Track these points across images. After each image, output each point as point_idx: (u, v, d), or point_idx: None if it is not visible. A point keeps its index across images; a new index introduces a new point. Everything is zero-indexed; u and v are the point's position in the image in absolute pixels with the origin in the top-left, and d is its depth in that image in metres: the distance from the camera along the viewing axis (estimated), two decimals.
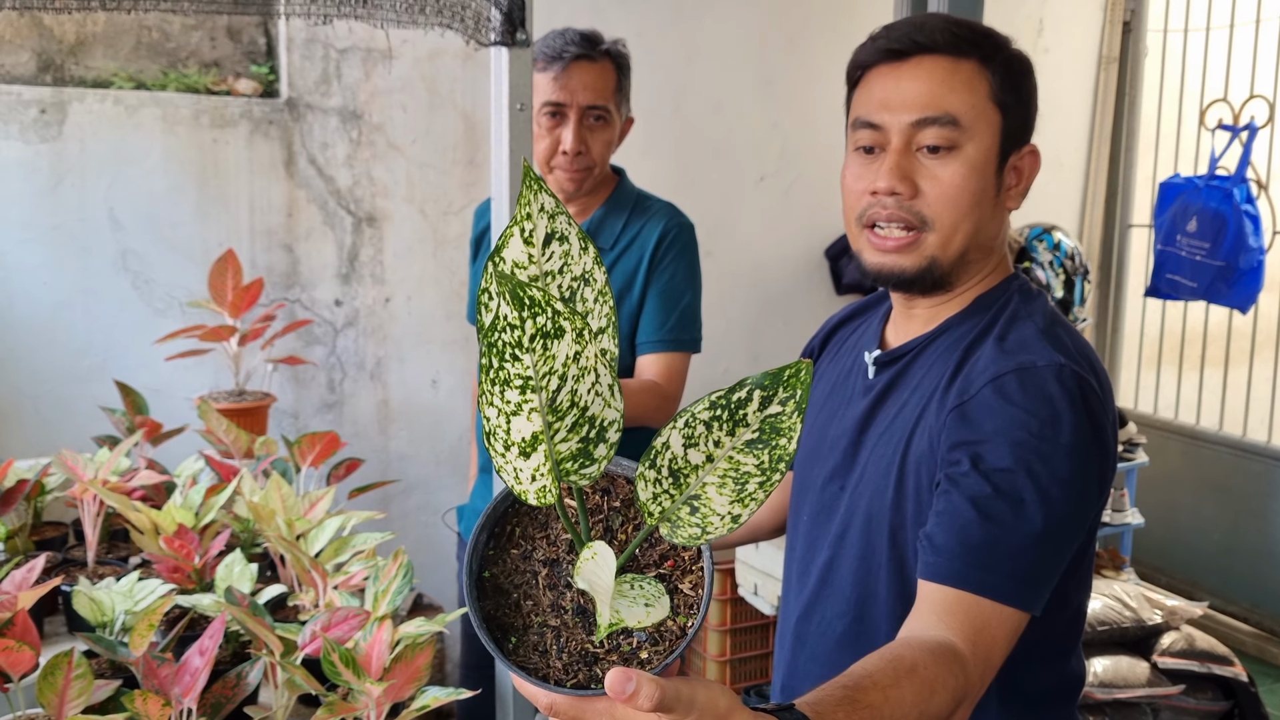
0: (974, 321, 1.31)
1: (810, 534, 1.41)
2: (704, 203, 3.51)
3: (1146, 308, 4.46)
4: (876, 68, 1.31)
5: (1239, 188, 3.76)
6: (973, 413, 1.20)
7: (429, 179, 3.36)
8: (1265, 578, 4.02)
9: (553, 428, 0.76)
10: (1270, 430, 4.05)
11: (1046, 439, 1.16)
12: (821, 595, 1.38)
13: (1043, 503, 1.14)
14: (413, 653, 1.36)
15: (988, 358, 1.24)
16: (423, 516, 3.41)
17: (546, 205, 0.80)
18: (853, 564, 1.33)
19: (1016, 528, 1.14)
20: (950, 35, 1.27)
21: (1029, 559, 1.14)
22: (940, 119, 1.25)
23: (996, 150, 1.28)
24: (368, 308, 3.33)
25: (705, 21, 3.72)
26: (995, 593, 1.12)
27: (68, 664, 1.29)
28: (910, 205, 1.27)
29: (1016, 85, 1.30)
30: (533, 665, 0.82)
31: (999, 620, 1.12)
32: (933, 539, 1.17)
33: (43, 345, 2.97)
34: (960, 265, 1.31)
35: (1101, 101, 4.48)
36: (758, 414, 0.78)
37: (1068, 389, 1.18)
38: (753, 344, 3.92)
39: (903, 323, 1.40)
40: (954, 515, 1.16)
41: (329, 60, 3.20)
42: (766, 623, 3.32)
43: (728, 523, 0.78)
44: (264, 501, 1.78)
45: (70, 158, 2.94)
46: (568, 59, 2.06)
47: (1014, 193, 1.33)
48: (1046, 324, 1.27)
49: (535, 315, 0.72)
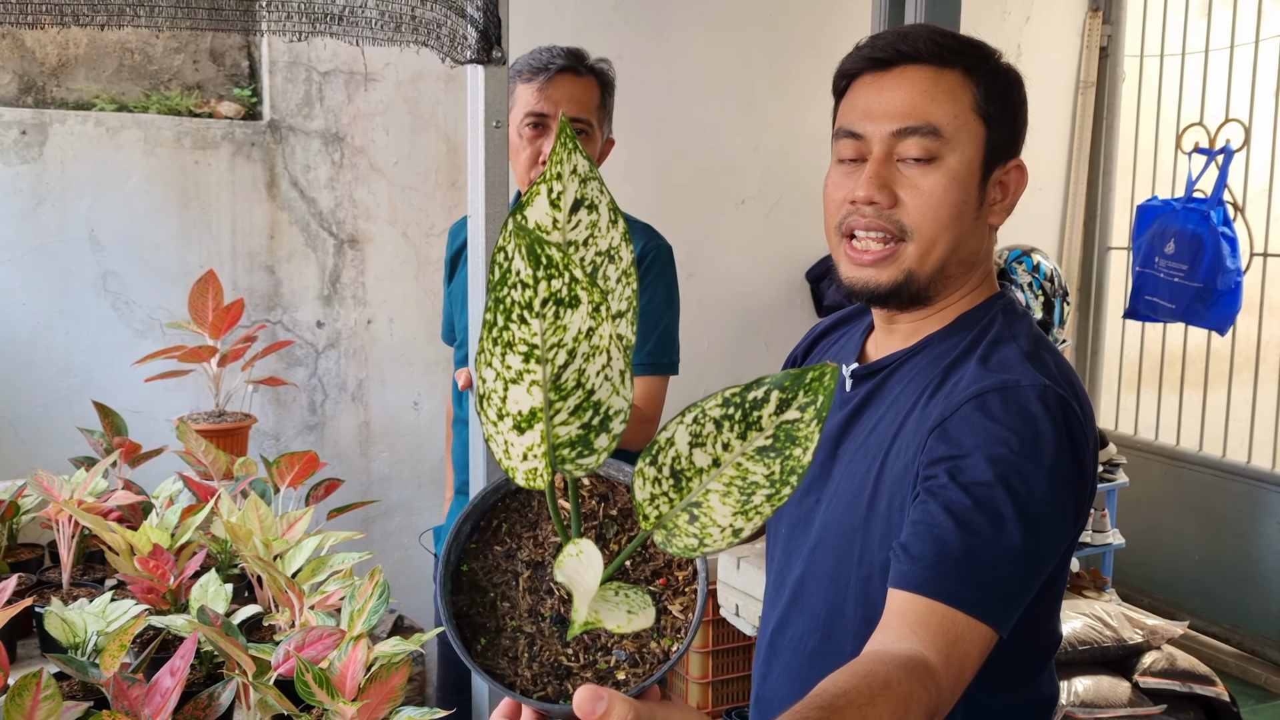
0: (956, 339, 1.29)
1: (788, 546, 1.40)
2: (685, 225, 3.52)
3: (1126, 329, 4.48)
4: (861, 77, 1.31)
5: (1216, 210, 3.79)
6: (952, 430, 1.17)
7: (411, 201, 3.37)
8: (1246, 598, 4.03)
9: (554, 406, 0.70)
10: (1250, 451, 4.07)
11: (1028, 458, 1.14)
12: (793, 610, 1.37)
13: (1021, 520, 1.12)
14: (388, 673, 1.36)
15: (970, 376, 1.22)
16: (403, 538, 3.40)
17: (580, 168, 0.73)
18: (822, 580, 1.32)
19: (995, 542, 1.11)
20: (934, 45, 1.26)
21: (1005, 575, 1.12)
22: (921, 128, 1.24)
23: (979, 163, 1.27)
24: (349, 329, 3.32)
25: (687, 45, 3.74)
26: (970, 606, 1.09)
27: (36, 685, 1.28)
28: (889, 214, 1.26)
29: (1002, 98, 1.28)
30: (500, 671, 0.78)
31: (972, 635, 1.09)
32: (908, 548, 1.14)
33: (22, 366, 2.95)
34: (939, 279, 1.28)
35: (1080, 125, 4.52)
36: (773, 418, 0.69)
37: (1050, 410, 1.17)
38: (734, 367, 3.92)
39: (883, 337, 1.38)
40: (931, 525, 1.13)
41: (311, 83, 3.21)
42: (749, 644, 3.31)
43: (728, 536, 0.71)
44: (241, 522, 1.77)
45: (51, 179, 2.94)
46: (553, 71, 2.07)
47: (998, 208, 1.31)
48: (1031, 346, 1.25)
49: (551, 278, 0.65)
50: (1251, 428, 4.08)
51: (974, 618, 1.09)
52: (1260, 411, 4.10)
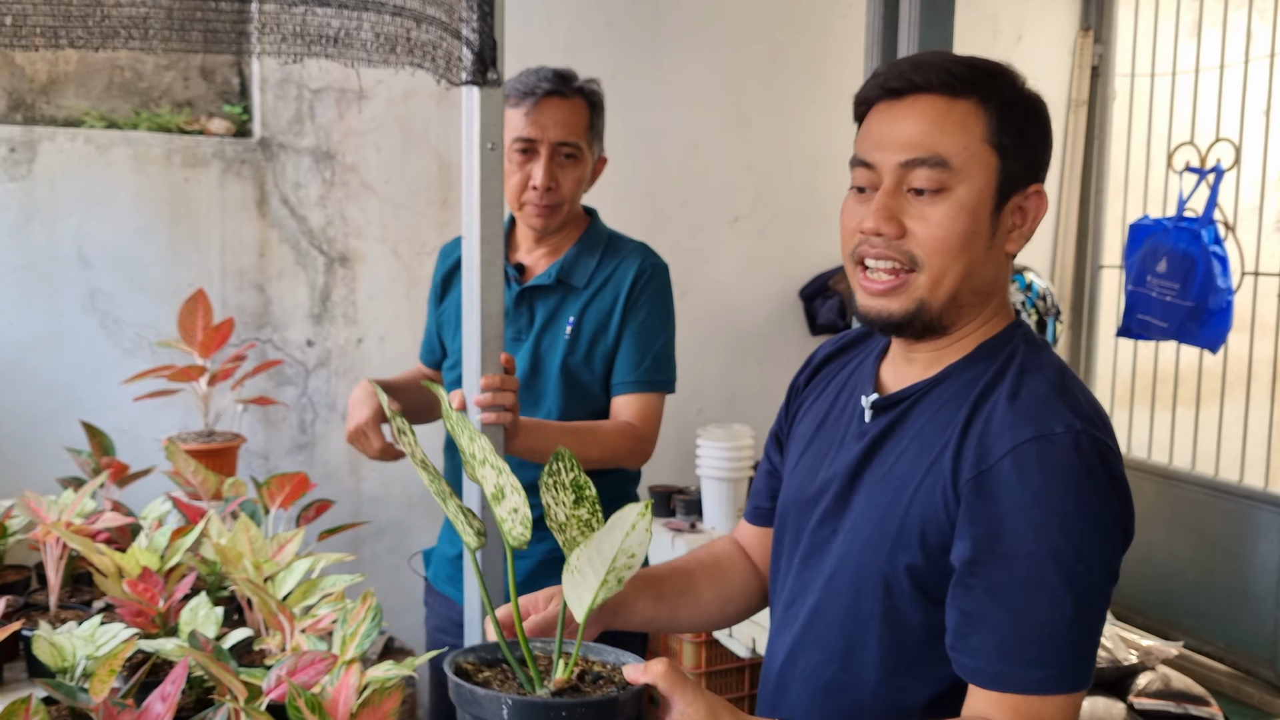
0: (979, 369, 1.28)
1: (801, 576, 1.38)
2: (678, 244, 3.52)
3: (1118, 348, 4.48)
4: (876, 105, 1.30)
5: (1207, 229, 3.80)
6: (991, 486, 1.17)
7: (402, 219, 3.36)
8: (1240, 617, 4.02)
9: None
10: (1242, 469, 4.07)
11: (1069, 514, 1.14)
12: (806, 640, 1.35)
13: (1070, 585, 1.13)
14: (380, 697, 1.34)
15: (1002, 420, 1.20)
16: (394, 559, 3.37)
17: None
18: (840, 611, 1.30)
19: (1048, 617, 1.13)
20: (947, 75, 1.24)
21: (1067, 644, 1.14)
22: (929, 160, 1.23)
23: (992, 192, 1.25)
24: (340, 348, 3.31)
25: (680, 63, 3.74)
26: (1041, 687, 1.13)
27: (24, 711, 1.26)
28: (899, 245, 1.25)
29: (1019, 126, 1.26)
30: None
31: (1053, 709, 1.14)
32: (966, 641, 1.17)
33: (9, 386, 2.93)
34: (953, 308, 1.27)
35: (1071, 144, 4.53)
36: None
37: (1086, 457, 1.16)
38: (727, 385, 3.91)
39: (902, 365, 1.36)
40: (983, 616, 1.16)
41: (302, 100, 3.20)
42: (743, 665, 3.29)
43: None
44: (231, 544, 1.76)
45: (40, 197, 2.92)
46: (540, 95, 2.06)
47: (1016, 234, 1.29)
48: (1058, 378, 1.24)
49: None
50: (1244, 446, 4.08)
51: (1050, 695, 1.14)
52: (1253, 430, 4.10)
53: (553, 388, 2.11)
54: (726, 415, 3.85)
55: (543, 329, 2.13)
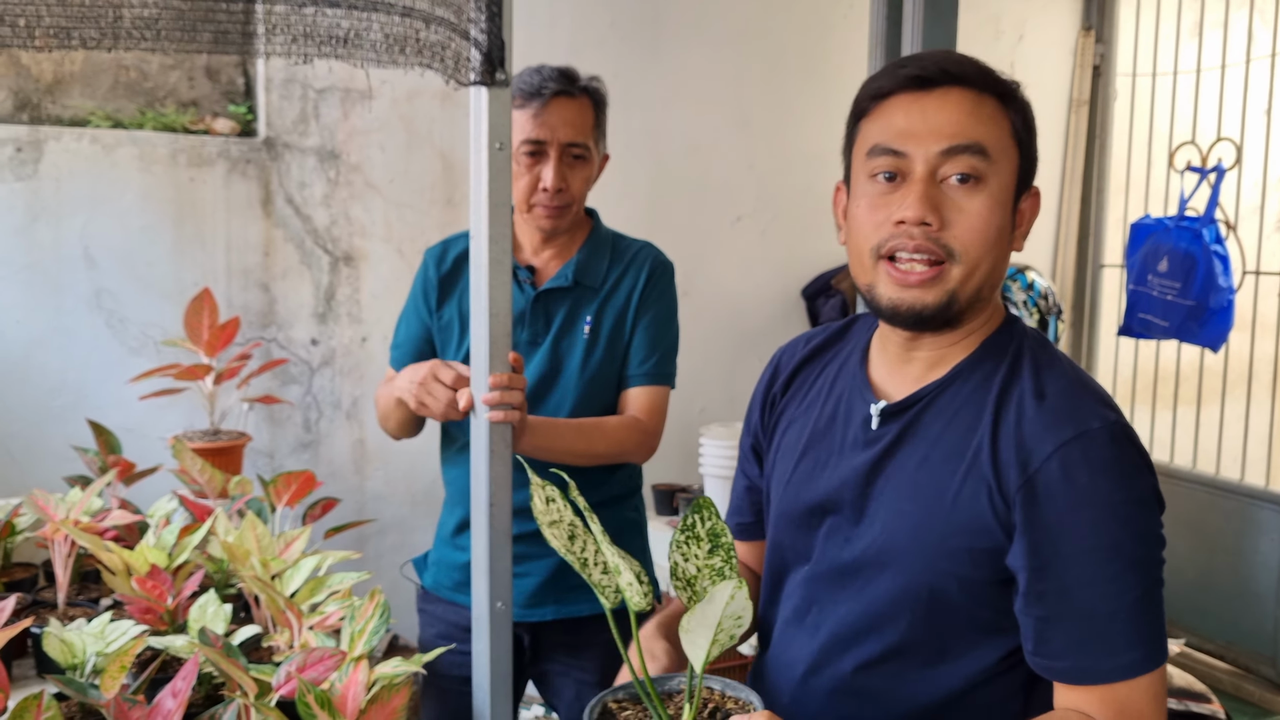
0: (988, 367, 1.29)
1: (814, 586, 1.37)
2: (681, 243, 3.51)
3: (1120, 347, 4.50)
4: (897, 95, 1.28)
5: (1208, 228, 3.81)
6: (1041, 491, 1.19)
7: (406, 219, 3.37)
8: (1241, 615, 4.03)
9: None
10: (1243, 468, 4.08)
11: (1119, 503, 1.17)
12: (834, 650, 1.33)
13: (1134, 568, 1.17)
14: (389, 694, 1.35)
15: (1037, 420, 1.21)
16: (398, 556, 3.38)
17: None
18: (876, 619, 1.29)
19: (1120, 605, 1.16)
20: (977, 70, 1.27)
21: (1143, 624, 1.17)
22: (971, 147, 1.23)
23: (1013, 188, 1.27)
24: (344, 347, 3.32)
25: (682, 63, 3.75)
26: (1127, 673, 1.17)
27: (37, 707, 1.27)
28: (938, 237, 1.24)
29: (1030, 128, 1.30)
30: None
31: (1139, 692, 1.17)
32: (1048, 645, 1.20)
33: (15, 384, 2.94)
34: (975, 302, 1.28)
35: (1073, 144, 4.54)
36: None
37: (1121, 446, 1.19)
38: (729, 384, 3.92)
39: (899, 366, 1.35)
40: (1059, 618, 1.19)
41: (307, 100, 3.21)
42: (745, 663, 3.30)
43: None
44: (238, 541, 1.77)
45: (46, 196, 2.93)
46: (547, 95, 2.05)
47: (1018, 234, 1.31)
48: (1074, 371, 1.28)
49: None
50: (1245, 445, 4.09)
51: (1132, 679, 1.17)
52: (1253, 429, 4.12)
53: (572, 388, 2.11)
54: (729, 414, 3.86)
55: (560, 331, 2.13)
